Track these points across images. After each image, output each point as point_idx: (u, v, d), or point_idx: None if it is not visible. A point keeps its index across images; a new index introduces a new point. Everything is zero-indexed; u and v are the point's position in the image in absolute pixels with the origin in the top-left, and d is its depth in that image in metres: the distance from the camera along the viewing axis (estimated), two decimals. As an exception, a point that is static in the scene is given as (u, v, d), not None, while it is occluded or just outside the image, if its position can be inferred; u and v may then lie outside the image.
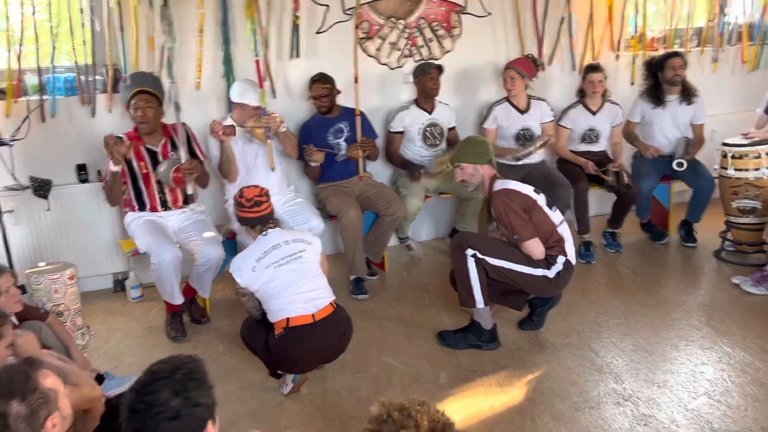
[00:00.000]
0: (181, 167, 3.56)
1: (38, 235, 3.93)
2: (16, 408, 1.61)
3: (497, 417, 2.78)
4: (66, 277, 3.17)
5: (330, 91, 4.08)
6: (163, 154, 3.67)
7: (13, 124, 3.70)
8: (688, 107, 4.52)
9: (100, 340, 3.61)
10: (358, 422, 2.79)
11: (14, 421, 1.61)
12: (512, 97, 4.43)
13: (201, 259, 3.56)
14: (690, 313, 3.62)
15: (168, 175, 3.57)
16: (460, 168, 3.36)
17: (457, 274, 3.28)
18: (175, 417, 1.44)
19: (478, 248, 3.20)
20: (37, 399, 1.65)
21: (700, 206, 4.51)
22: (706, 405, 2.78)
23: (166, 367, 1.51)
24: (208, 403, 1.52)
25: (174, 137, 3.70)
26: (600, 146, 4.63)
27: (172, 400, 1.45)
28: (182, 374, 1.49)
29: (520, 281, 3.23)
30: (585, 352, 3.26)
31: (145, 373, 1.52)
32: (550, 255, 3.21)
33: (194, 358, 1.57)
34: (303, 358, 2.92)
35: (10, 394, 1.61)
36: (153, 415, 1.43)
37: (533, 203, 3.23)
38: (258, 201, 2.95)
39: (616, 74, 5.06)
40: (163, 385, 1.46)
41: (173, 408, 1.44)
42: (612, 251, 4.57)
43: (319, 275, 3.01)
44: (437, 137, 4.42)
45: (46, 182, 3.79)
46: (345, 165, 4.20)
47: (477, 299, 3.24)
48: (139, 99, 3.55)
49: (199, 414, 1.48)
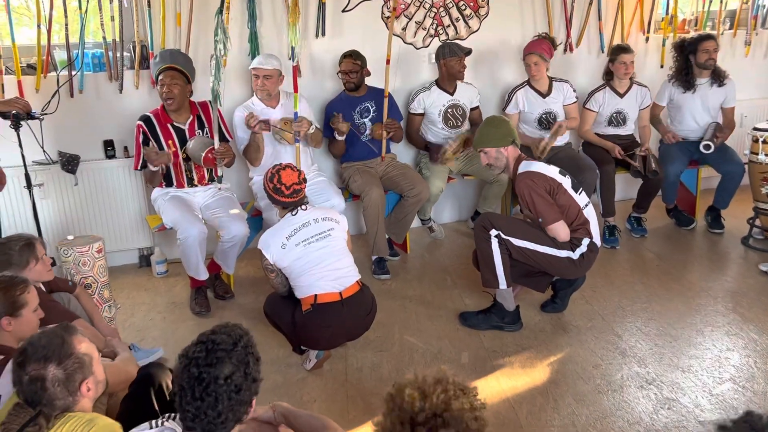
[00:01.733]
0: (215, 151, 3.56)
1: (66, 209, 3.99)
2: (53, 372, 1.66)
3: (519, 398, 2.78)
4: (94, 251, 3.22)
5: (360, 69, 4.07)
6: (189, 132, 3.69)
7: (42, 99, 3.74)
8: (719, 89, 4.43)
9: (126, 314, 3.67)
10: (379, 399, 2.80)
11: (51, 384, 1.65)
12: (534, 81, 4.38)
13: (226, 236, 3.59)
14: (716, 299, 3.57)
15: (200, 154, 3.57)
16: (484, 153, 3.33)
17: (480, 254, 3.27)
18: (237, 390, 1.48)
19: (502, 229, 3.19)
20: (73, 363, 1.69)
21: (728, 192, 4.44)
22: (731, 390, 2.76)
23: (227, 339, 1.53)
24: (260, 378, 1.57)
25: (201, 115, 3.71)
26: (627, 129, 4.57)
27: (236, 373, 1.48)
28: (242, 347, 1.53)
29: (543, 262, 3.21)
30: (608, 336, 3.24)
31: (205, 342, 1.52)
32: (575, 237, 3.19)
33: (246, 330, 1.60)
34: (329, 334, 2.94)
35: (46, 359, 1.66)
36: (218, 387, 1.46)
37: (558, 186, 3.20)
38: (296, 189, 2.96)
39: (646, 56, 4.97)
40: (227, 357, 1.49)
41: (237, 381, 1.48)
42: (637, 236, 4.52)
43: (347, 254, 3.03)
44: (459, 118, 4.38)
45: (74, 157, 3.85)
46: (368, 145, 4.19)
47: (500, 280, 3.24)
48: (165, 75, 3.57)
49: (254, 388, 1.53)
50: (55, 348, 1.67)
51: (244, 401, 1.50)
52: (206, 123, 3.69)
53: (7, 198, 3.79)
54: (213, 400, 1.46)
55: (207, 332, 1.56)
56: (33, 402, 1.65)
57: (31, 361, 1.65)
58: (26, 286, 2.20)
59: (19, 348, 1.71)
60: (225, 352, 1.49)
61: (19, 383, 1.67)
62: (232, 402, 1.48)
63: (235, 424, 1.53)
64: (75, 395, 1.70)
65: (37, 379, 1.64)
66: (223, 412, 1.47)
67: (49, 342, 1.68)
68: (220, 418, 1.48)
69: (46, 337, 1.70)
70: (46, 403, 1.65)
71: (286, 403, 1.97)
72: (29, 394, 1.65)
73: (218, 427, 1.49)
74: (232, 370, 1.48)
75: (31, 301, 2.19)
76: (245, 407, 1.53)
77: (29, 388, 1.65)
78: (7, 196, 3.76)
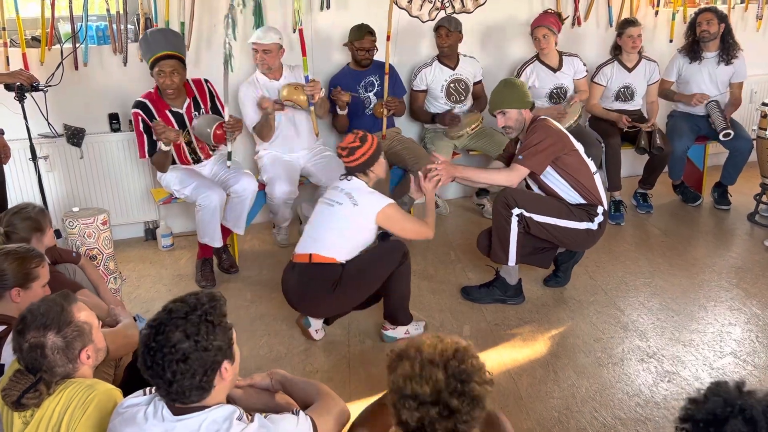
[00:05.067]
0: (225, 125, 3.50)
1: (72, 181, 4.01)
2: (52, 339, 1.68)
3: (520, 369, 2.80)
4: (99, 222, 3.24)
5: (374, 46, 4.05)
6: (187, 115, 3.63)
7: (47, 72, 3.74)
8: (726, 67, 4.37)
9: (131, 286, 3.71)
10: (381, 371, 2.82)
11: (51, 351, 1.67)
12: (543, 56, 4.33)
13: (238, 190, 3.58)
14: (720, 275, 3.57)
15: (209, 132, 3.50)
16: (503, 114, 3.24)
17: (496, 230, 3.23)
18: (183, 359, 1.46)
19: (526, 206, 3.14)
20: (72, 331, 1.71)
21: (735, 168, 4.41)
22: (731, 364, 2.77)
23: (183, 308, 1.51)
24: (220, 346, 1.51)
25: (197, 97, 3.66)
26: (635, 105, 4.52)
27: (183, 342, 1.46)
28: (197, 316, 1.49)
29: (562, 236, 3.19)
30: (610, 310, 3.25)
31: (163, 310, 1.53)
32: (591, 206, 3.18)
33: (214, 298, 1.56)
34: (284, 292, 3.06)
35: (45, 327, 1.67)
36: (164, 355, 1.45)
37: (572, 146, 3.17)
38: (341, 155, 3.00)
39: (655, 31, 4.91)
40: (176, 326, 1.47)
41: (182, 350, 1.46)
42: (642, 212, 4.50)
43: (334, 230, 2.94)
44: (462, 93, 4.35)
45: (79, 130, 3.86)
46: (373, 118, 4.17)
47: (510, 257, 3.22)
48: (164, 65, 3.42)
49: (208, 357, 1.48)
50: (54, 316, 1.69)
51: (197, 371, 1.46)
52: (202, 104, 3.65)
53: (13, 170, 3.81)
54: (160, 368, 1.45)
55: (171, 300, 1.55)
56: (33, 369, 1.67)
57: (30, 328, 1.67)
58: (41, 260, 2.21)
59: (19, 316, 1.73)
60: (176, 320, 1.48)
61: (19, 350, 1.69)
62: (180, 370, 1.45)
63: (201, 393, 1.50)
64: (75, 363, 1.72)
65: (36, 347, 1.66)
66: (175, 381, 1.45)
67: (48, 310, 1.70)
68: (173, 387, 1.46)
69: (45, 305, 1.71)
70: (46, 369, 1.67)
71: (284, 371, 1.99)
72: (29, 361, 1.67)
73: (178, 396, 1.48)
74: (179, 338, 1.46)
75: (43, 276, 2.20)
76: (203, 377, 1.48)
77: (29, 356, 1.67)
78: (13, 168, 3.78)
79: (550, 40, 4.22)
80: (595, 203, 3.18)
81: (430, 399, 1.33)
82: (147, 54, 3.53)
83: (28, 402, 1.65)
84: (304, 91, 3.73)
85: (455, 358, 1.38)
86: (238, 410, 1.55)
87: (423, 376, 1.34)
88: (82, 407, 1.65)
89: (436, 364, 1.36)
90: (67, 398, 1.66)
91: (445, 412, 1.32)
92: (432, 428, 1.33)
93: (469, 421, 1.34)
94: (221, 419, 1.52)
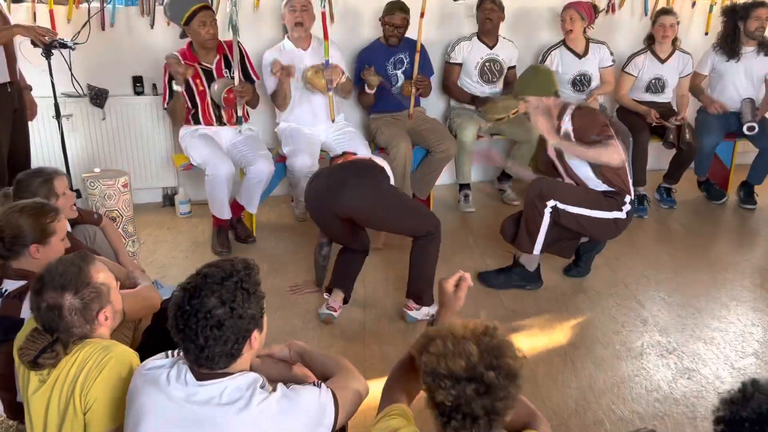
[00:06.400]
0: (233, 89, 3.55)
1: (94, 142, 3.99)
2: (70, 300, 1.65)
3: (537, 358, 2.76)
4: (120, 185, 3.22)
5: (408, 23, 3.98)
6: (217, 72, 3.64)
7: (73, 30, 3.70)
8: (765, 58, 4.26)
9: (148, 251, 3.69)
10: (395, 350, 2.82)
11: (68, 312, 1.65)
12: (570, 41, 4.26)
13: (253, 172, 3.58)
14: (743, 275, 3.51)
15: (220, 95, 3.58)
16: (524, 101, 3.22)
17: (526, 220, 3.17)
18: (218, 326, 1.43)
19: (560, 198, 3.10)
20: (90, 293, 1.69)
21: (764, 168, 4.32)
22: (753, 365, 2.72)
23: (219, 273, 1.48)
24: (254, 314, 1.50)
25: (227, 54, 3.66)
26: (665, 97, 4.44)
27: (218, 308, 1.44)
28: (233, 282, 1.47)
29: (591, 227, 3.16)
30: (631, 303, 3.20)
31: (197, 274, 1.50)
32: (618, 195, 3.13)
33: (249, 265, 1.54)
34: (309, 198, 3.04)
35: (63, 288, 1.65)
36: (198, 320, 1.43)
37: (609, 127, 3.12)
38: None
39: (690, 22, 4.80)
40: (212, 291, 1.45)
41: (218, 316, 1.43)
42: (665, 207, 4.43)
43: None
44: (495, 74, 4.28)
45: (102, 91, 3.84)
46: (399, 97, 4.11)
47: (536, 246, 3.18)
48: (204, 15, 3.50)
49: (242, 325, 1.47)
50: (72, 276, 1.66)
51: (229, 338, 1.45)
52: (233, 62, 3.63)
53: (37, 128, 3.79)
54: (193, 333, 1.43)
55: (205, 265, 1.53)
56: (50, 329, 1.65)
57: (48, 288, 1.65)
58: (57, 214, 2.18)
59: (37, 275, 1.71)
60: (211, 285, 1.45)
61: (36, 310, 1.67)
62: (213, 336, 1.43)
63: (230, 360, 1.48)
64: (92, 324, 1.70)
65: (54, 307, 1.64)
66: (207, 347, 1.43)
67: (66, 270, 1.67)
68: (204, 353, 1.44)
69: (63, 265, 1.68)
70: (63, 330, 1.65)
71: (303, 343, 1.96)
72: (46, 322, 1.65)
73: (206, 361, 1.46)
74: (215, 303, 1.43)
75: (60, 230, 2.18)
76: (234, 345, 1.46)
77: (46, 316, 1.65)
78: (36, 126, 3.76)
79: (576, 25, 4.15)
80: (623, 192, 3.14)
81: (465, 375, 1.29)
82: (180, 10, 3.52)
83: (44, 362, 1.63)
84: (323, 75, 3.70)
85: (486, 334, 1.36)
86: (262, 378, 1.53)
87: (456, 352, 1.32)
88: (98, 368, 1.63)
89: (469, 340, 1.33)
90: (83, 359, 1.64)
91: (482, 388, 1.29)
92: (469, 408, 1.29)
93: (505, 398, 1.30)
94: (244, 386, 1.49)
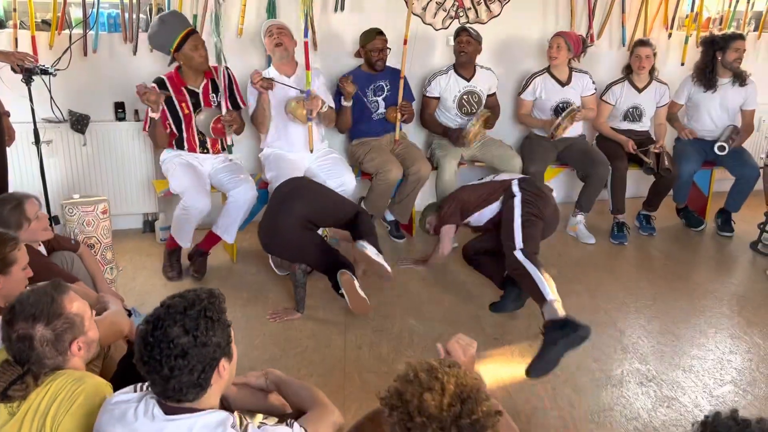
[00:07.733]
0: (222, 119, 3.55)
1: (73, 168, 3.96)
2: (41, 331, 1.62)
3: (517, 386, 2.76)
4: (99, 211, 3.20)
5: (387, 47, 4.02)
6: (204, 95, 3.65)
7: (55, 56, 3.70)
8: (739, 89, 4.35)
9: (127, 277, 3.66)
10: (376, 377, 2.80)
11: (39, 343, 1.62)
12: (554, 68, 4.32)
13: (235, 195, 3.56)
14: (721, 302, 3.54)
15: (208, 125, 3.56)
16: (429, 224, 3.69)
17: (521, 283, 3.09)
18: (182, 355, 1.43)
19: (511, 242, 3.14)
20: (63, 323, 1.66)
21: (741, 195, 4.39)
22: (731, 393, 2.73)
23: (182, 303, 1.48)
24: (219, 342, 1.49)
25: (215, 79, 3.67)
26: (643, 126, 4.51)
27: (181, 337, 1.43)
28: (196, 311, 1.47)
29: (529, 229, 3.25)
30: (611, 331, 3.22)
31: (160, 306, 1.50)
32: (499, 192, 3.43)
33: (214, 294, 1.54)
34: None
35: (34, 318, 1.62)
36: (161, 350, 1.42)
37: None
38: None
39: (667, 53, 4.90)
40: (174, 321, 1.45)
41: (181, 345, 1.43)
42: (645, 234, 4.48)
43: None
44: (474, 105, 4.31)
45: (84, 117, 3.83)
46: (381, 123, 4.15)
47: (545, 291, 2.92)
48: (195, 39, 3.53)
49: (207, 353, 1.46)
50: (44, 307, 1.63)
51: (195, 367, 1.44)
52: (220, 87, 3.64)
53: (15, 154, 3.76)
54: (157, 363, 1.42)
55: (169, 296, 1.52)
56: (21, 360, 1.62)
57: (19, 319, 1.62)
58: (16, 243, 2.14)
59: (8, 305, 1.68)
60: (174, 315, 1.45)
61: (7, 340, 1.64)
62: (177, 366, 1.42)
63: (198, 392, 1.47)
64: (65, 355, 1.67)
65: (24, 338, 1.61)
66: (173, 377, 1.42)
67: (38, 300, 1.64)
68: (170, 384, 1.43)
69: (35, 296, 1.66)
70: (35, 361, 1.62)
71: (279, 371, 1.95)
72: (17, 352, 1.62)
73: (174, 393, 1.45)
74: (177, 333, 1.43)
75: (21, 259, 2.13)
76: (201, 374, 1.45)
77: (17, 347, 1.62)
78: (15, 151, 3.72)
79: (561, 53, 4.21)
80: (498, 191, 3.40)
81: None
82: (166, 39, 3.52)
83: (14, 394, 1.59)
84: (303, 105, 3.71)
85: (464, 411, 1.27)
86: (232, 417, 1.51)
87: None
88: (69, 400, 1.60)
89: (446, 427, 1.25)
90: (55, 391, 1.61)
91: None
92: None
93: None
94: (213, 424, 1.47)
